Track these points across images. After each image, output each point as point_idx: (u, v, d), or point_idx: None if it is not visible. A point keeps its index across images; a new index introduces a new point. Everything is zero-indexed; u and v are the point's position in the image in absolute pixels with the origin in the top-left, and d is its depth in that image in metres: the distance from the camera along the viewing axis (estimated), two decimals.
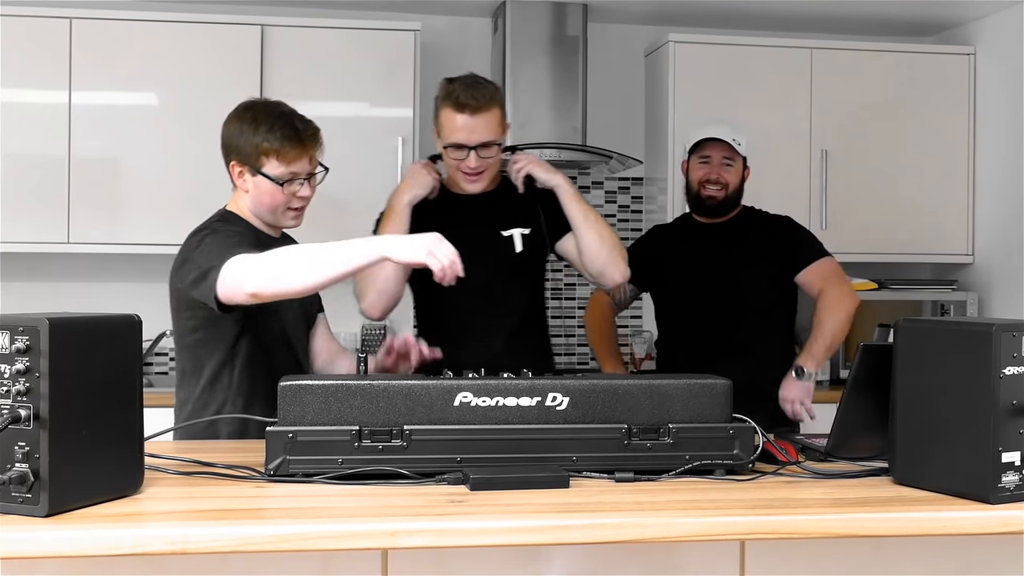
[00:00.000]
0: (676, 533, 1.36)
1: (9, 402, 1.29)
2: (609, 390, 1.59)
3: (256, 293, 1.76)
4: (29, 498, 1.29)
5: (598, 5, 3.76)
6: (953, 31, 4.05)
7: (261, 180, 2.02)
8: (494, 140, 2.28)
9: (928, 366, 1.50)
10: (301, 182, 2.03)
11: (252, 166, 2.01)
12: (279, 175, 2.00)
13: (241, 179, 2.04)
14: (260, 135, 1.99)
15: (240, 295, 1.78)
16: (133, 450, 1.43)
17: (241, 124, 2.02)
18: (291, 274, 1.75)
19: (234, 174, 2.05)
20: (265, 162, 2.00)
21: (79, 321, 1.35)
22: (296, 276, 1.75)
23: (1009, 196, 3.73)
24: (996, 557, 1.62)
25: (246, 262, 1.78)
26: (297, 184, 2.03)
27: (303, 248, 1.83)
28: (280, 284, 1.76)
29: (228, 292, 1.80)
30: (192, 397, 2.05)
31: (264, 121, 2.00)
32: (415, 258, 1.70)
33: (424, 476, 1.52)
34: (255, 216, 2.08)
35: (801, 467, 1.65)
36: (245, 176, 2.03)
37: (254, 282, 1.76)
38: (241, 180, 2.05)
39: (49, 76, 3.39)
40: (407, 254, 1.70)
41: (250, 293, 1.77)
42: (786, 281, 2.73)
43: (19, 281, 3.63)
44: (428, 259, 1.69)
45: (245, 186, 2.05)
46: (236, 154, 2.03)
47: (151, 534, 1.27)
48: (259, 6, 3.74)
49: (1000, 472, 1.42)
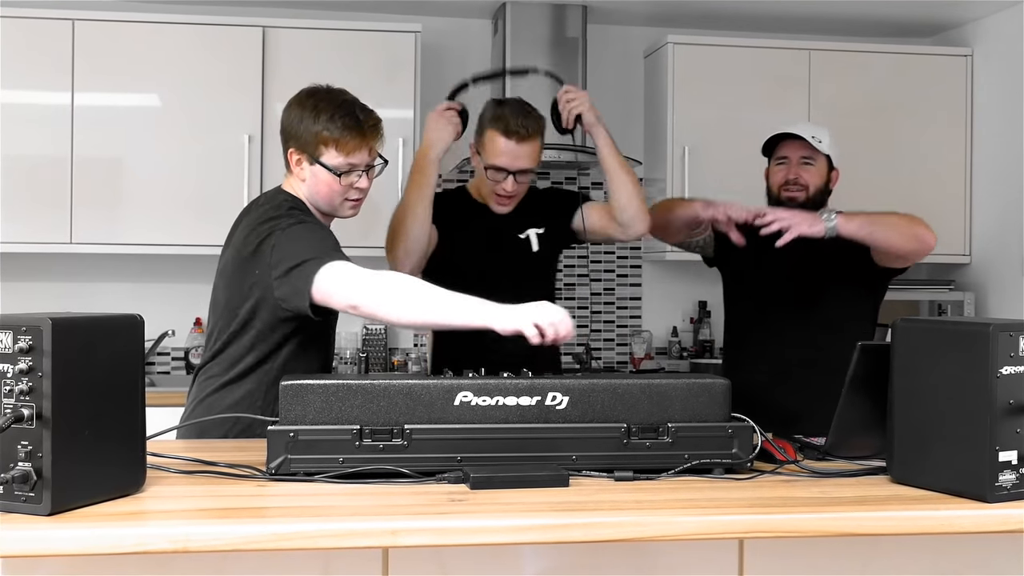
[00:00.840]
0: (675, 532, 1.36)
1: (12, 401, 1.29)
2: (608, 389, 1.60)
3: (357, 307, 1.75)
4: (32, 497, 1.29)
5: (598, 6, 3.78)
6: (950, 32, 4.06)
7: (319, 169, 1.97)
8: (533, 168, 2.35)
9: (926, 365, 1.51)
10: (360, 173, 1.99)
11: (311, 154, 1.97)
12: (337, 165, 1.96)
13: (299, 167, 2.00)
14: (320, 123, 1.95)
15: (339, 302, 1.77)
16: (135, 449, 1.44)
17: (302, 111, 1.98)
18: (399, 306, 1.75)
19: (292, 161, 2.00)
20: (324, 151, 1.96)
21: (82, 321, 1.35)
22: (402, 309, 1.75)
23: (1006, 197, 3.74)
24: (993, 555, 1.63)
25: (355, 273, 1.77)
26: (355, 175, 1.98)
27: (416, 283, 1.79)
28: (384, 310, 1.75)
29: (325, 296, 1.77)
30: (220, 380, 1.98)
31: (325, 109, 1.96)
32: (519, 329, 1.68)
33: (425, 475, 1.53)
34: (310, 204, 2.03)
35: (799, 466, 1.66)
36: (303, 164, 1.99)
37: (360, 298, 1.74)
38: (299, 168, 2.00)
39: (52, 77, 3.40)
40: (512, 325, 1.69)
41: (352, 305, 1.75)
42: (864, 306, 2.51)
43: (22, 281, 3.65)
44: (530, 330, 1.68)
45: (302, 174, 2.00)
46: (295, 141, 1.98)
47: (153, 533, 1.27)
48: (260, 7, 3.75)
49: (997, 471, 1.43)
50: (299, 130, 1.97)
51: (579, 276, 4.02)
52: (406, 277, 1.82)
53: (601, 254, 4.07)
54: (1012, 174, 3.70)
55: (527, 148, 2.29)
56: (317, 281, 1.77)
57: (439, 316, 1.76)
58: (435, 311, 1.75)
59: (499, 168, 2.31)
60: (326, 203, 2.01)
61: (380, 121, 2.02)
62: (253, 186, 3.49)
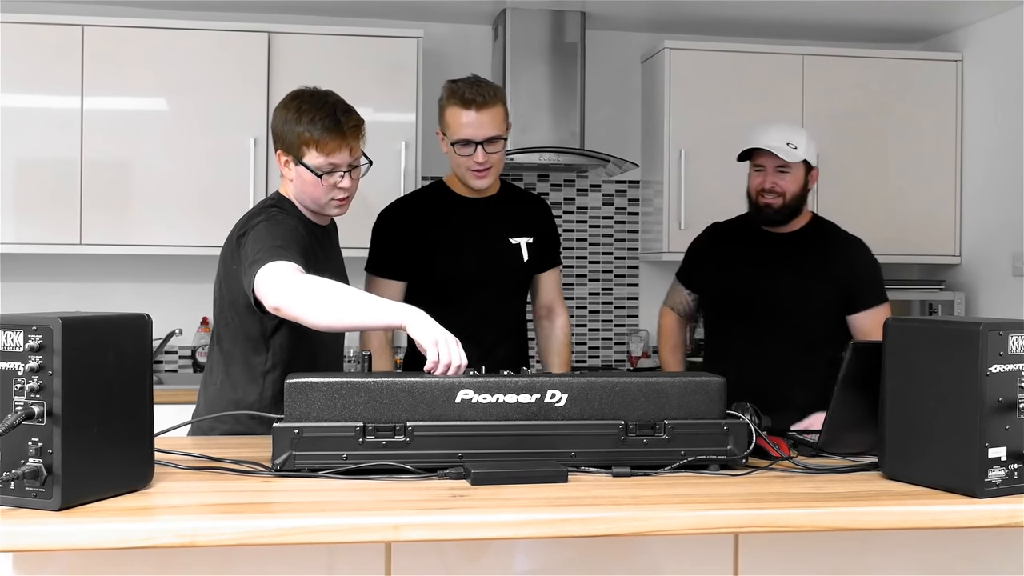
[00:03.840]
0: (671, 526, 1.38)
1: (23, 399, 1.31)
2: (606, 387, 1.62)
3: (279, 309, 1.79)
4: (42, 492, 1.31)
5: (596, 13, 3.81)
6: (941, 38, 4.10)
7: (303, 170, 2.01)
8: (499, 135, 2.32)
9: (917, 364, 1.53)
10: (342, 174, 2.02)
11: (295, 155, 2.01)
12: (318, 166, 1.99)
13: (287, 168, 2.04)
14: (303, 125, 1.98)
15: (268, 304, 1.81)
16: (143, 446, 1.45)
17: (287, 113, 2.02)
18: (317, 309, 1.77)
19: (280, 162, 2.06)
20: (306, 152, 1.99)
21: (91, 320, 1.37)
22: (320, 313, 1.77)
23: (995, 199, 3.77)
24: (983, 550, 1.65)
25: (283, 276, 1.80)
26: (338, 176, 2.01)
27: (337, 288, 1.81)
28: (304, 313, 1.77)
29: (261, 296, 1.82)
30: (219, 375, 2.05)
31: (307, 111, 1.99)
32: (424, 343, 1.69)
33: (426, 471, 1.54)
34: (299, 203, 2.07)
35: (793, 462, 1.67)
36: (290, 165, 2.03)
37: (281, 299, 1.78)
38: (287, 169, 2.05)
39: (62, 82, 3.43)
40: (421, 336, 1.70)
41: (275, 307, 1.79)
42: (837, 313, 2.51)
43: (32, 281, 3.68)
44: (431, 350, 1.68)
45: (290, 175, 2.05)
46: (281, 143, 2.03)
47: (161, 527, 1.29)
48: (266, 14, 3.78)
49: (987, 467, 1.45)
50: (284, 132, 2.02)
51: (577, 276, 4.04)
52: (327, 282, 1.81)
53: (599, 255, 4.10)
54: (1002, 177, 3.74)
55: (488, 115, 2.27)
56: (256, 281, 1.82)
57: (356, 318, 1.80)
58: (352, 314, 1.78)
59: (466, 141, 2.28)
60: (312, 202, 2.05)
61: (362, 122, 2.05)
62: (258, 188, 3.52)
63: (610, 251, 4.10)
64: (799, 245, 2.53)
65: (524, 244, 2.46)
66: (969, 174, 3.92)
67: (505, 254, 2.44)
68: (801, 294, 2.50)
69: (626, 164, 3.71)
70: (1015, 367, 1.46)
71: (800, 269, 2.51)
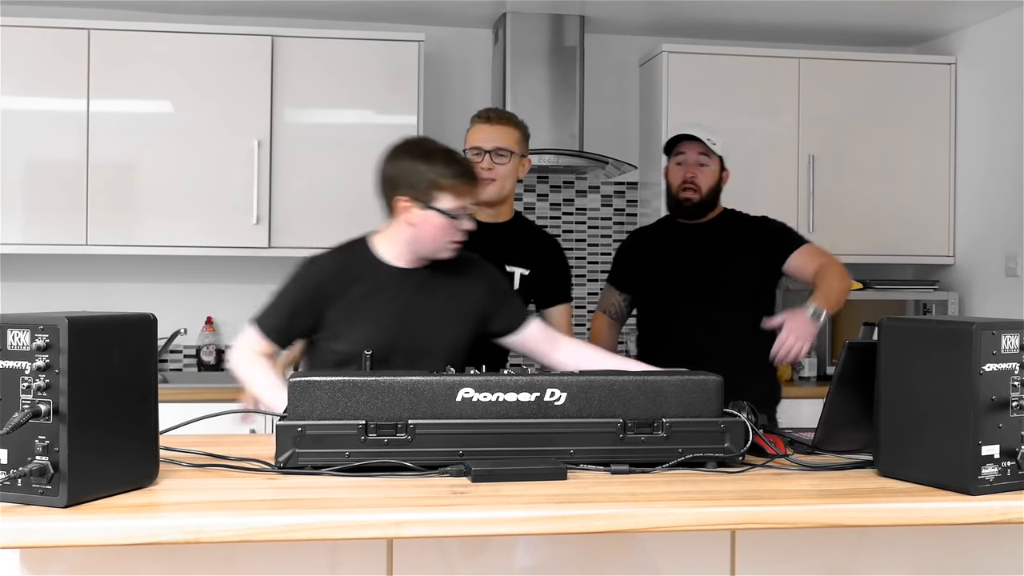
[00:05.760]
0: (669, 523, 1.39)
1: (30, 397, 1.32)
2: (605, 386, 1.63)
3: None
4: (49, 489, 1.32)
5: (595, 17, 3.83)
6: (935, 41, 4.12)
7: (432, 214, 2.04)
8: (508, 148, 2.48)
9: (911, 363, 1.54)
10: (467, 216, 2.07)
11: (423, 200, 2.04)
12: (451, 209, 2.04)
13: (407, 213, 2.06)
14: (436, 170, 2.03)
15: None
16: (149, 443, 1.46)
17: (413, 159, 2.06)
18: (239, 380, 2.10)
19: (398, 207, 2.07)
20: (438, 196, 2.03)
21: (97, 320, 1.38)
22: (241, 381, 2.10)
23: (988, 200, 3.80)
24: (976, 546, 1.66)
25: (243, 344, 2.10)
26: (466, 218, 2.07)
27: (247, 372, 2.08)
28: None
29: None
30: None
31: (438, 157, 2.05)
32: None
33: (428, 468, 1.56)
34: (409, 249, 2.10)
35: (789, 460, 1.69)
36: (413, 210, 2.05)
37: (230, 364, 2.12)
38: (407, 214, 2.06)
39: (68, 84, 3.46)
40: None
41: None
42: (770, 273, 2.74)
43: (39, 281, 3.71)
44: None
45: (412, 219, 2.06)
46: (407, 189, 2.05)
47: (166, 524, 1.30)
48: (270, 17, 3.81)
49: (980, 464, 1.47)
50: (412, 177, 2.04)
51: (576, 276, 4.06)
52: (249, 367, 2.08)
53: (598, 255, 4.12)
54: (995, 178, 3.76)
55: (500, 130, 2.49)
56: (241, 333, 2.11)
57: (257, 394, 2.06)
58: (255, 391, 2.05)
59: (477, 149, 2.49)
60: (430, 246, 2.08)
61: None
62: (262, 189, 3.54)
63: (609, 252, 4.12)
64: (717, 228, 2.79)
65: (519, 274, 2.52)
66: (963, 176, 3.95)
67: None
68: (730, 263, 2.71)
69: (624, 166, 3.73)
70: (1008, 366, 1.48)
71: (723, 246, 2.74)
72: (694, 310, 2.70)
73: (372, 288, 2.08)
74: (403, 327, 2.08)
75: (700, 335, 2.66)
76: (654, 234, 2.93)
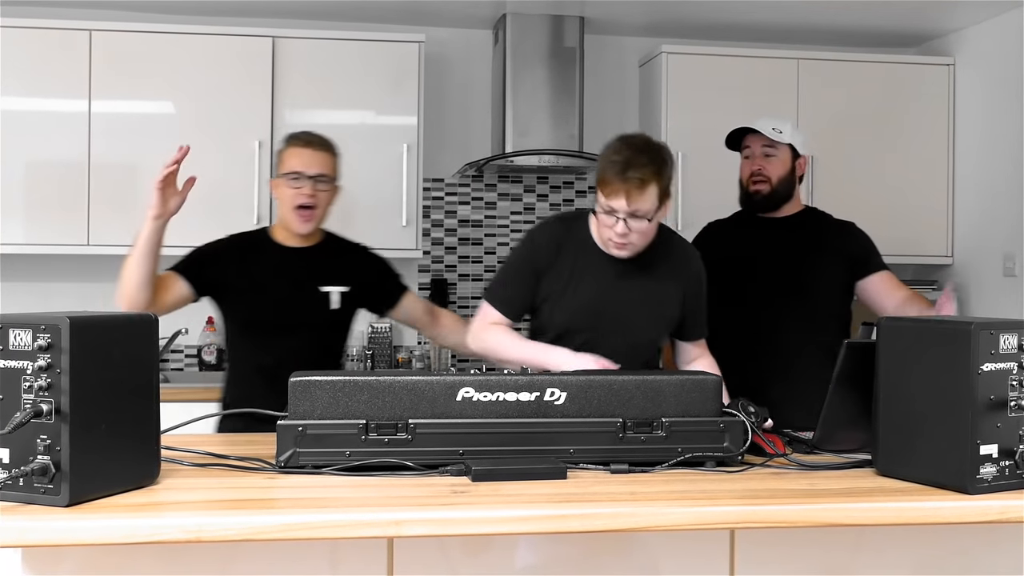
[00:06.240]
0: (669, 522, 1.40)
1: (32, 397, 1.32)
2: (604, 385, 1.64)
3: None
4: (51, 489, 1.32)
5: (595, 18, 3.84)
6: (933, 42, 4.13)
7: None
8: (329, 176, 2.41)
9: (910, 362, 1.55)
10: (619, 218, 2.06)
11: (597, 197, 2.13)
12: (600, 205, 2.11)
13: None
14: (601, 163, 2.10)
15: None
16: (150, 443, 1.47)
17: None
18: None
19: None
20: (599, 192, 2.10)
21: (98, 320, 1.39)
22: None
23: (986, 201, 3.80)
24: (974, 545, 1.67)
25: (479, 319, 2.25)
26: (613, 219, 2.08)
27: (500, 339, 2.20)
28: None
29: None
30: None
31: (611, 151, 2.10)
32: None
33: (428, 468, 1.56)
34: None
35: (788, 459, 1.70)
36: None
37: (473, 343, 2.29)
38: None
39: (70, 85, 3.47)
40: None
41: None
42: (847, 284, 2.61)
43: (41, 281, 3.72)
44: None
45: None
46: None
47: (167, 523, 1.30)
48: (271, 18, 3.82)
49: (978, 464, 1.47)
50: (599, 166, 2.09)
51: None
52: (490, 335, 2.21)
53: None
54: (992, 179, 3.77)
55: (320, 156, 2.39)
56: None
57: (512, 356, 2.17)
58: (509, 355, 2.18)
59: (297, 174, 2.37)
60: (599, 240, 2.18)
61: (651, 178, 2.04)
62: (263, 190, 3.55)
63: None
64: (793, 226, 2.63)
65: (336, 293, 2.46)
66: (961, 176, 3.96)
67: (309, 299, 2.45)
68: (805, 268, 2.56)
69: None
70: (1006, 366, 1.48)
71: (799, 246, 2.59)
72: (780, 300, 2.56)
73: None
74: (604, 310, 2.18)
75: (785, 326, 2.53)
76: (727, 227, 2.73)
